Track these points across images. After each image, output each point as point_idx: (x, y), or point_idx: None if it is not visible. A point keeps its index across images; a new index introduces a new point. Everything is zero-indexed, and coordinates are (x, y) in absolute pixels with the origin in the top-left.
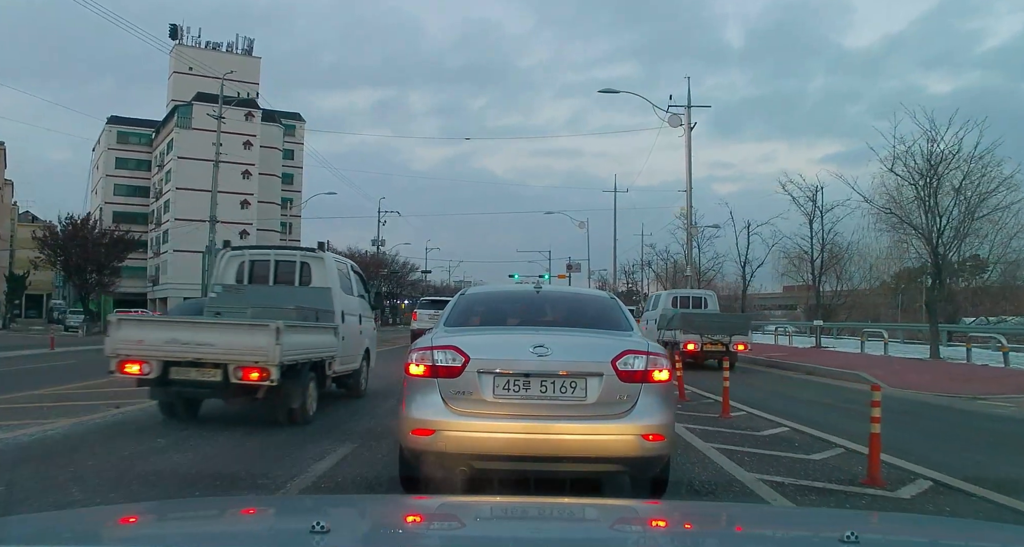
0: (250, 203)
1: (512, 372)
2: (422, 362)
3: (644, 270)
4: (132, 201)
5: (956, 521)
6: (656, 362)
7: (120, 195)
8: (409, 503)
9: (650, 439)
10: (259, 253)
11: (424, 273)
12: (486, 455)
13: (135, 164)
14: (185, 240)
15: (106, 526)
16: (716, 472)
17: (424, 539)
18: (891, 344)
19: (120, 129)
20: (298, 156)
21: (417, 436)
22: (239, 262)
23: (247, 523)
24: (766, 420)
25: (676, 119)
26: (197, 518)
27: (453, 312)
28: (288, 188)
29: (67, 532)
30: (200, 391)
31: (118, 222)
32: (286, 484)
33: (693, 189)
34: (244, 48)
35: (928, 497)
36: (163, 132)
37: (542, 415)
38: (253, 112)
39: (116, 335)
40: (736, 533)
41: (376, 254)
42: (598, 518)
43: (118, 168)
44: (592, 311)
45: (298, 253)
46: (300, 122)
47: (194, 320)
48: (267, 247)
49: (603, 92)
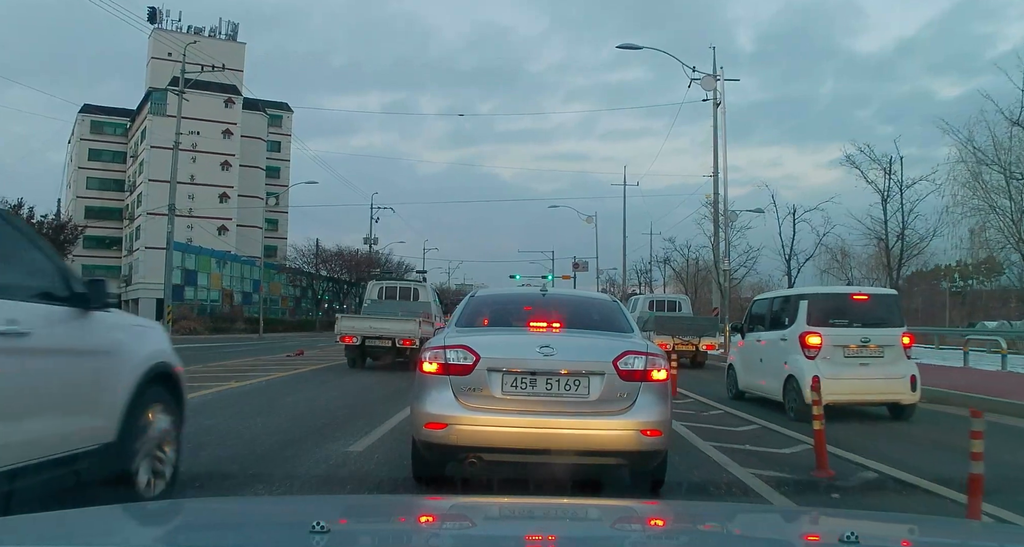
0: (229, 196)
1: (520, 370)
2: (435, 360)
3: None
4: (106, 196)
5: (956, 521)
6: (654, 362)
7: (93, 189)
8: (410, 503)
9: (648, 434)
10: (390, 282)
11: (420, 273)
12: (495, 447)
13: (110, 156)
14: (159, 236)
15: (106, 526)
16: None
17: (425, 539)
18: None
19: (94, 118)
20: (285, 148)
21: (430, 429)
22: (379, 287)
23: (247, 523)
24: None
25: (709, 81)
26: (197, 518)
27: (464, 313)
28: (274, 182)
29: (67, 532)
30: (379, 350)
31: (91, 218)
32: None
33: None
34: (228, 33)
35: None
36: (138, 121)
37: (547, 411)
38: (233, 98)
39: (340, 325)
40: (736, 533)
41: (368, 253)
42: (601, 518)
43: (91, 160)
44: (595, 313)
45: (412, 282)
46: (288, 112)
47: (377, 316)
48: (394, 278)
49: (622, 48)
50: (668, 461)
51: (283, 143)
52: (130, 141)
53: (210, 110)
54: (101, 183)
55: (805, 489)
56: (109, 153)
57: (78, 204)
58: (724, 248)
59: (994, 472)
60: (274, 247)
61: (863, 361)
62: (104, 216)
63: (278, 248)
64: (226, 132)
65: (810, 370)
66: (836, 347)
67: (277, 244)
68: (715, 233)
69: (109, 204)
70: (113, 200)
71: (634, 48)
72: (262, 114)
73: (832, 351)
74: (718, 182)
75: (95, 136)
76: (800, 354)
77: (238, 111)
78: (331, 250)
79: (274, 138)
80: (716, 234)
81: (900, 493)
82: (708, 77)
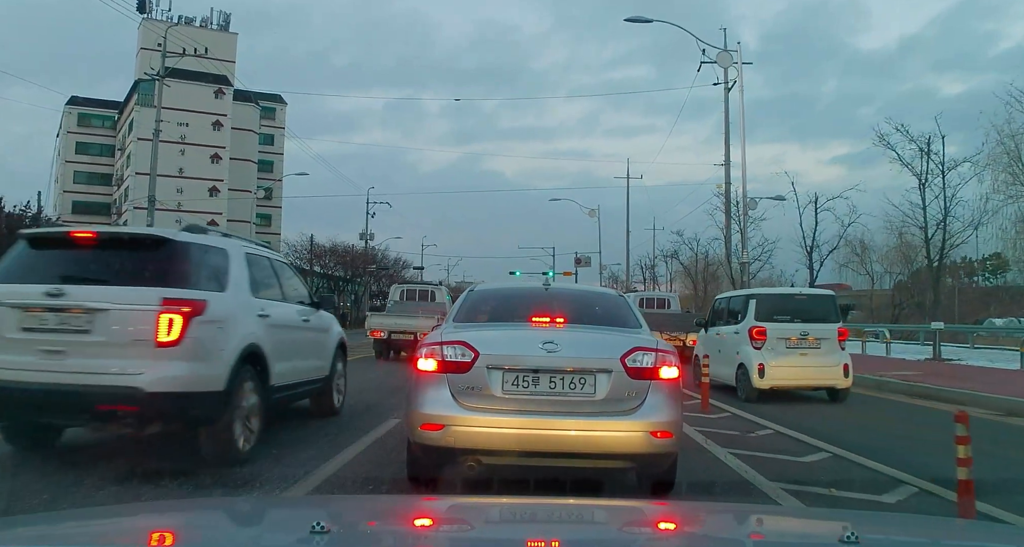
0: (220, 190)
1: (521, 368)
2: (432, 357)
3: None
4: (93, 190)
5: (957, 521)
6: (665, 359)
7: (80, 183)
8: (411, 503)
9: (658, 436)
10: (410, 285)
11: (417, 269)
12: (495, 450)
13: (98, 149)
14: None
15: (106, 526)
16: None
17: (426, 540)
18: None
19: (81, 111)
20: (279, 142)
21: (426, 431)
22: (401, 289)
23: (247, 523)
24: None
25: (725, 56)
26: (197, 518)
27: (462, 308)
28: (267, 176)
29: (67, 532)
30: (406, 343)
31: (78, 213)
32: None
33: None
34: (220, 23)
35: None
36: (126, 112)
37: (551, 411)
38: (224, 89)
39: (370, 322)
40: (735, 532)
41: (364, 249)
42: (604, 520)
43: (78, 153)
44: (600, 308)
45: (430, 285)
46: (281, 105)
47: (401, 314)
48: (414, 282)
49: (630, 21)
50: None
51: (276, 136)
52: (118, 134)
53: (199, 101)
54: (88, 177)
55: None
56: (97, 146)
57: (65, 199)
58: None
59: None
60: (267, 243)
61: (803, 351)
62: (92, 211)
63: (271, 244)
64: (216, 124)
65: (757, 358)
66: (779, 339)
67: (270, 240)
68: (727, 224)
69: (97, 199)
70: (101, 194)
71: (644, 21)
72: (254, 106)
73: (776, 343)
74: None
75: (82, 129)
76: (749, 345)
77: (229, 102)
78: (325, 246)
79: (267, 131)
80: (728, 225)
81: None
82: (724, 53)
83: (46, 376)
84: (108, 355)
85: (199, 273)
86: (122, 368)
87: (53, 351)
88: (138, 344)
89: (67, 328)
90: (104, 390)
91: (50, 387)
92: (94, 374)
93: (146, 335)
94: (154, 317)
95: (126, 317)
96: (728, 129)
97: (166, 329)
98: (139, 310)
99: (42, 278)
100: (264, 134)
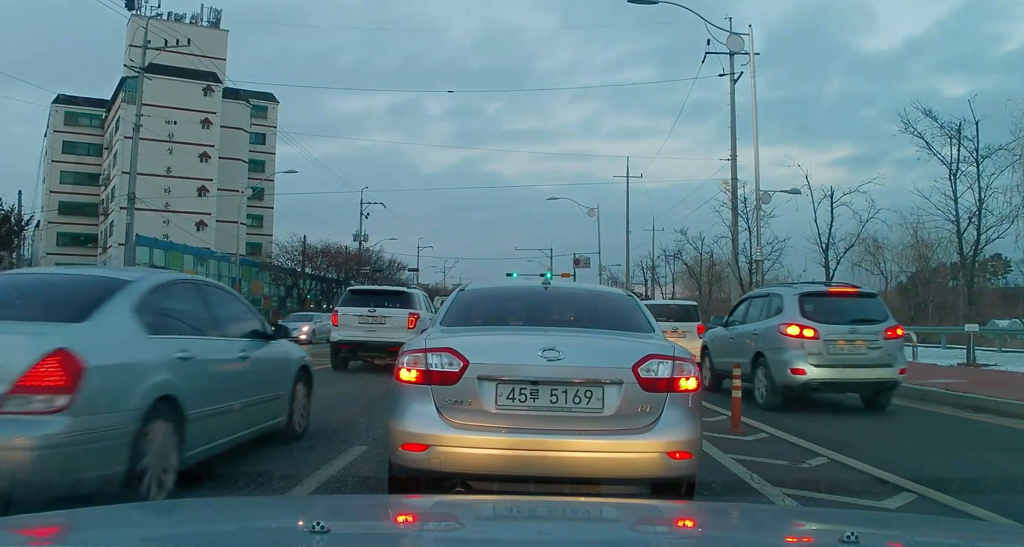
0: (209, 189)
1: (517, 379)
2: (414, 367)
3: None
4: (80, 190)
5: (956, 521)
6: (683, 368)
7: (67, 183)
8: (411, 503)
9: (676, 457)
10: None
11: (412, 271)
12: (486, 474)
13: (85, 149)
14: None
15: (106, 526)
16: None
17: (426, 540)
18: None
19: (68, 109)
20: (271, 141)
21: (408, 452)
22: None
23: (247, 523)
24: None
25: (736, 40)
26: (197, 518)
27: (451, 310)
28: (258, 176)
29: (67, 532)
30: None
31: (64, 214)
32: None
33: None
34: (211, 20)
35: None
36: (113, 110)
37: (552, 429)
38: (213, 86)
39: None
40: (735, 532)
41: (358, 250)
42: (604, 518)
43: (65, 153)
44: (607, 310)
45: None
46: (273, 103)
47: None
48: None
49: (633, 1)
50: None
51: (268, 135)
52: (106, 132)
53: (187, 98)
54: (75, 177)
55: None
56: (84, 145)
57: (52, 199)
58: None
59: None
60: (258, 244)
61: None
62: (79, 212)
63: (262, 245)
64: (205, 122)
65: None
66: (828, 341)
67: (262, 241)
68: (733, 221)
69: (84, 199)
70: (88, 195)
71: (649, 2)
72: (244, 104)
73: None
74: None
75: (69, 128)
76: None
77: (218, 100)
78: (318, 247)
79: (258, 130)
80: (735, 222)
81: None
82: (734, 36)
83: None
84: None
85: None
86: None
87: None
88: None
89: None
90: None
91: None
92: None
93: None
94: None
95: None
96: (734, 120)
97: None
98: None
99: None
100: (255, 133)
